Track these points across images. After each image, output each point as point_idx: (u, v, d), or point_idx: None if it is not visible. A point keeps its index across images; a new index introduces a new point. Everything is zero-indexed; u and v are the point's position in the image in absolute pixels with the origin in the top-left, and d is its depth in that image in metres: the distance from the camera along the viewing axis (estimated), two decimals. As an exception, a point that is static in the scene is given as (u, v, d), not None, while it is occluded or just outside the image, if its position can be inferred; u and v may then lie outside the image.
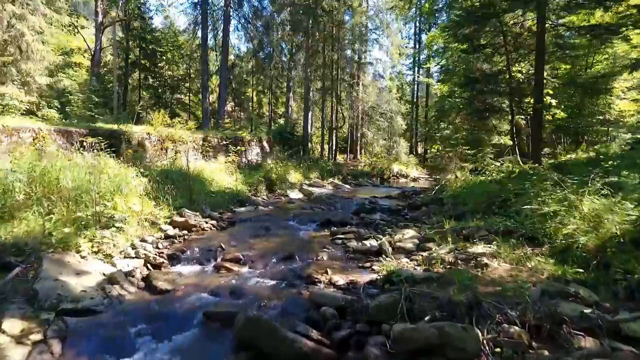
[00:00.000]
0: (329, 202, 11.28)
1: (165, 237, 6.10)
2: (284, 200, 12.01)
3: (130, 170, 7.46)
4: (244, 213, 9.05)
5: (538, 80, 9.27)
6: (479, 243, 5.75)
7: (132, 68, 27.15)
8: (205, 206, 8.50)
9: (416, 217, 7.99)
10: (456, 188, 10.87)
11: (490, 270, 4.58)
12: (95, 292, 3.84)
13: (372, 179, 21.76)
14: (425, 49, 27.48)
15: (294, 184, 14.47)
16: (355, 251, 5.60)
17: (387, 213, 9.19)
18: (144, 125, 11.01)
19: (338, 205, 10.64)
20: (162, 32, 28.08)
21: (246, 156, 14.90)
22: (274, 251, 5.75)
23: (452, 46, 13.66)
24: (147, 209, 6.91)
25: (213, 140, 12.99)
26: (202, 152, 12.34)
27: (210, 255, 5.45)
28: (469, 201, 8.82)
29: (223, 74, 20.70)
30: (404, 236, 6.21)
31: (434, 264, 4.77)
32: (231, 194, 10.10)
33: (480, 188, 8.96)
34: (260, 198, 11.70)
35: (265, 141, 16.57)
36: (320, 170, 17.57)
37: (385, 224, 7.70)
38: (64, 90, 15.93)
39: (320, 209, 9.96)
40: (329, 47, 22.28)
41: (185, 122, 11.11)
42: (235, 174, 12.08)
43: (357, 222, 8.01)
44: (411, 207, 9.85)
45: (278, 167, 14.06)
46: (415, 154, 29.63)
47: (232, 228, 7.37)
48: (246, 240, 6.31)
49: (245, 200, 10.26)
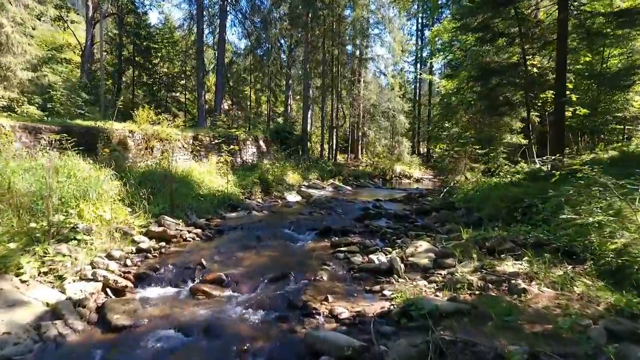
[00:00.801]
0: (329, 205, 10.38)
1: (138, 251, 5.19)
2: (280, 203, 11.11)
3: (104, 172, 6.56)
4: (234, 219, 8.15)
5: (560, 71, 8.36)
6: (506, 258, 4.87)
7: (126, 65, 26.23)
8: (190, 212, 7.60)
9: (427, 225, 7.08)
10: (468, 191, 9.98)
11: (531, 297, 3.69)
12: (25, 334, 2.94)
13: (374, 179, 20.86)
14: (428, 45, 26.58)
15: (292, 186, 13.58)
16: (361, 269, 4.70)
17: (394, 219, 8.28)
18: (128, 122, 10.12)
19: (339, 210, 9.74)
20: (157, 28, 27.17)
21: (241, 156, 14.01)
22: (265, 268, 4.85)
23: (461, 38, 12.76)
24: (120, 217, 6.02)
25: (205, 139, 12.09)
26: (192, 151, 11.44)
27: (187, 275, 4.55)
28: (485, 206, 7.93)
29: (219, 70, 19.81)
30: (417, 249, 5.31)
31: (459, 288, 3.87)
32: (222, 197, 9.21)
33: (498, 191, 8.06)
34: (254, 201, 10.81)
35: (261, 140, 15.67)
36: (319, 171, 16.67)
37: (393, 232, 6.81)
38: (50, 86, 15.02)
39: (320, 214, 9.06)
40: (329, 42, 21.37)
41: (173, 119, 10.24)
42: (227, 175, 11.18)
43: (361, 230, 7.12)
44: (420, 212, 8.95)
45: (275, 167, 13.18)
46: (418, 154, 28.74)
47: (219, 238, 6.47)
48: (233, 254, 5.41)
49: (238, 204, 9.37)
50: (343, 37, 21.66)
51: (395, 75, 26.48)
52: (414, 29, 33.32)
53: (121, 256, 4.85)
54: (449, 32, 17.97)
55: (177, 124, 10.34)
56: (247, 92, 30.32)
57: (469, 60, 12.55)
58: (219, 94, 20.39)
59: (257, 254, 5.50)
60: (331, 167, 18.10)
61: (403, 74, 29.50)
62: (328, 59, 22.30)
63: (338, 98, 22.60)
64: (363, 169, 22.12)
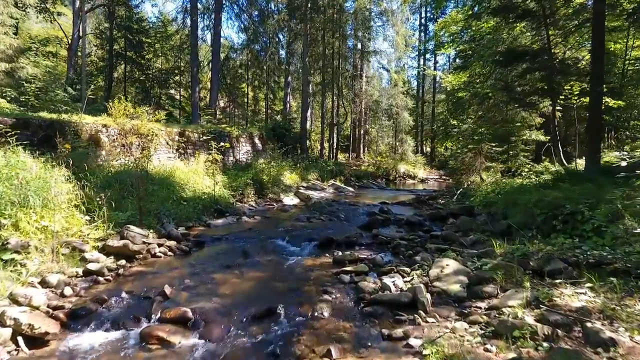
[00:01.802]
0: (330, 210, 9.25)
1: (85, 274, 4.05)
2: (276, 207, 9.98)
3: (59, 173, 5.41)
4: (220, 227, 7.01)
5: (597, 55, 7.22)
6: (563, 284, 3.73)
7: (117, 60, 25.10)
8: (167, 219, 6.46)
9: (448, 236, 5.93)
10: (487, 193, 8.84)
11: (626, 353, 2.55)
12: None
13: (377, 180, 19.74)
14: (432, 40, 25.43)
15: (289, 187, 12.44)
16: (375, 301, 3.54)
17: (406, 227, 7.15)
18: (103, 116, 8.99)
19: (341, 215, 8.61)
20: (150, 22, 26.01)
21: (234, 154, 12.86)
22: (248, 298, 3.71)
23: (475, 25, 11.61)
24: (74, 228, 4.88)
25: (192, 135, 10.95)
26: (178, 149, 10.30)
27: (142, 310, 3.41)
28: (512, 212, 6.78)
29: (215, 65, 18.69)
30: (444, 270, 4.16)
31: (517, 337, 2.72)
32: (208, 201, 8.07)
33: (528, 195, 6.92)
34: (246, 205, 9.67)
35: (257, 138, 14.53)
36: (319, 171, 15.53)
37: (408, 244, 5.66)
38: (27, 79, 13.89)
39: (320, 220, 7.92)
40: (329, 35, 20.24)
41: (154, 112, 9.10)
42: (217, 176, 10.04)
43: (369, 241, 5.98)
44: (434, 218, 7.80)
45: (271, 167, 12.03)
46: (422, 153, 27.55)
47: (197, 253, 5.32)
48: (210, 277, 4.27)
49: (226, 209, 8.23)
50: (344, 29, 20.51)
51: (398, 70, 25.32)
52: (417, 24, 32.22)
53: (60, 282, 3.71)
54: (457, 24, 16.86)
55: (158, 117, 9.20)
56: (244, 89, 29.19)
57: (484, 50, 11.41)
58: (214, 89, 19.28)
59: (240, 276, 4.36)
60: (332, 166, 16.96)
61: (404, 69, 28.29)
62: (329, 53, 21.17)
63: (339, 94, 21.45)
64: (365, 168, 21.00)
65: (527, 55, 7.75)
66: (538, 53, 7.75)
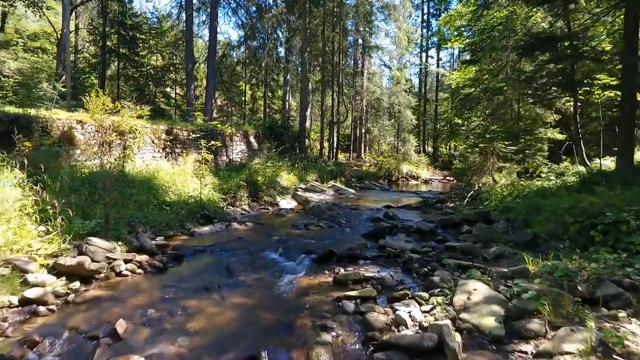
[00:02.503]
0: (330, 214, 8.43)
1: (23, 304, 3.22)
2: (271, 211, 9.17)
3: (9, 175, 4.59)
4: (206, 236, 6.19)
5: (631, 42, 6.40)
6: (626, 318, 2.92)
7: (110, 57, 24.29)
8: (144, 228, 5.64)
9: (468, 249, 5.09)
10: (503, 197, 8.02)
11: None
12: None
13: (379, 181, 18.92)
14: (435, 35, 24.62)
15: (286, 189, 11.63)
16: (388, 345, 2.72)
17: (416, 235, 6.33)
18: (80, 111, 8.18)
19: (343, 220, 7.79)
20: (144, 17, 25.17)
21: (227, 154, 12.04)
22: (224, 338, 2.89)
23: (486, 15, 10.79)
24: (23, 240, 4.06)
25: (181, 133, 10.12)
26: (164, 148, 9.47)
27: (81, 357, 2.58)
28: (536, 219, 5.97)
29: (211, 61, 17.88)
30: (471, 297, 3.34)
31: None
32: (195, 205, 7.25)
33: (552, 200, 6.10)
34: (239, 209, 8.86)
35: (252, 136, 13.70)
36: (318, 172, 14.71)
37: (421, 258, 4.85)
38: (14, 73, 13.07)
39: (319, 227, 7.10)
40: (329, 30, 19.41)
41: (137, 107, 8.26)
42: (206, 177, 9.22)
43: (375, 254, 5.16)
44: (446, 225, 6.97)
45: (267, 167, 11.20)
46: (424, 153, 26.72)
47: (173, 269, 4.50)
48: (180, 305, 3.45)
49: (215, 214, 7.41)
50: (344, 23, 19.69)
51: (400, 68, 24.46)
52: (419, 21, 31.36)
53: (-17, 317, 2.89)
54: (463, 17, 16.05)
55: (140, 112, 8.36)
56: (241, 87, 28.38)
57: (496, 41, 10.59)
58: (210, 86, 18.46)
59: (219, 303, 3.54)
60: (332, 167, 16.14)
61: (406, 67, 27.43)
62: (329, 49, 20.34)
63: (339, 91, 20.62)
64: (367, 169, 20.17)
65: (554, 41, 6.90)
66: (568, 37, 6.86)
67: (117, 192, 6.37)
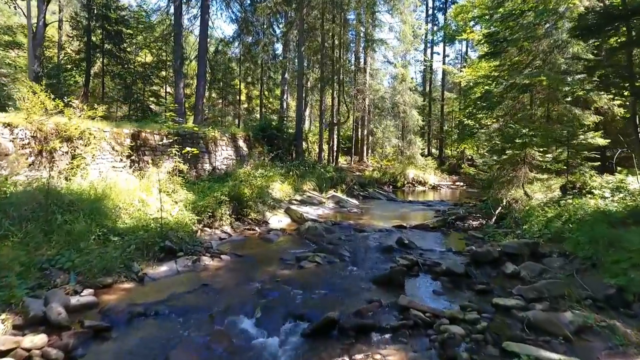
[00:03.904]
0: (330, 239, 6.80)
1: None
2: (258, 232, 7.53)
3: None
4: (161, 282, 4.54)
5: None
6: None
7: (95, 53, 22.63)
8: (64, 277, 3.99)
9: (538, 321, 3.40)
10: (547, 220, 6.36)
11: None
12: None
13: (384, 187, 17.25)
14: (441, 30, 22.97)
15: (278, 201, 9.98)
16: None
17: (446, 280, 4.66)
18: (10, 112, 6.53)
19: (346, 251, 6.12)
20: (130, 10, 23.51)
21: (210, 161, 10.38)
22: None
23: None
24: None
25: (152, 137, 8.46)
26: (130, 156, 7.81)
27: None
28: (611, 260, 4.32)
29: (202, 57, 16.27)
30: None
31: None
32: (155, 232, 5.59)
33: (637, 233, 4.45)
34: (218, 231, 7.23)
35: (241, 140, 12.03)
36: (317, 179, 13.05)
37: (467, 335, 3.20)
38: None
39: (315, 263, 5.43)
40: (329, 21, 17.76)
41: (83, 104, 6.58)
42: (179, 192, 7.58)
43: (396, 322, 3.50)
44: (482, 261, 5.29)
45: (256, 176, 9.55)
46: (430, 156, 24.98)
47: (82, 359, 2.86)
48: None
49: (182, 244, 5.75)
50: (346, 13, 18.05)
51: (405, 65, 22.78)
52: (424, 16, 29.69)
53: None
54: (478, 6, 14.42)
55: (91, 114, 6.64)
56: (237, 85, 26.74)
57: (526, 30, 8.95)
58: (201, 85, 16.84)
59: None
60: (332, 173, 14.48)
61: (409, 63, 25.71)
62: (329, 44, 18.67)
63: (340, 89, 18.95)
64: (370, 174, 18.49)
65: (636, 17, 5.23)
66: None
67: (41, 219, 4.74)
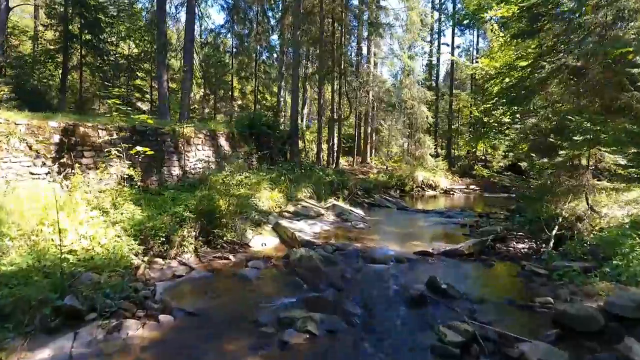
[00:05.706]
0: (331, 278, 4.74)
1: None
2: (232, 263, 5.48)
3: None
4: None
5: None
6: None
7: (72, 43, 20.50)
8: None
9: None
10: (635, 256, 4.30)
11: None
12: None
13: (390, 192, 15.20)
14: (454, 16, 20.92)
15: (266, 214, 7.93)
16: None
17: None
18: None
19: (353, 305, 4.06)
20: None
21: (180, 164, 8.30)
22: None
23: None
24: None
25: (94, 134, 6.38)
26: (58, 157, 5.74)
27: None
28: None
29: (188, 48, 14.23)
30: None
31: None
32: (59, 278, 3.52)
33: None
34: (175, 262, 5.18)
35: (223, 138, 9.94)
36: (315, 184, 10.97)
37: None
38: None
39: (306, 336, 3.36)
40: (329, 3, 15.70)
41: None
42: (124, 207, 5.50)
43: None
44: (578, 331, 3.25)
45: (238, 183, 7.47)
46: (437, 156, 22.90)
47: None
48: None
49: (100, 295, 3.67)
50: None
51: (412, 56, 20.74)
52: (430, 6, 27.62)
53: None
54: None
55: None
56: (228, 80, 24.66)
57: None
58: (187, 78, 14.76)
59: None
60: (332, 176, 12.42)
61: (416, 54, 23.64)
62: (328, 29, 16.63)
63: (342, 79, 16.86)
64: (375, 177, 16.42)
65: None
66: None
67: None
